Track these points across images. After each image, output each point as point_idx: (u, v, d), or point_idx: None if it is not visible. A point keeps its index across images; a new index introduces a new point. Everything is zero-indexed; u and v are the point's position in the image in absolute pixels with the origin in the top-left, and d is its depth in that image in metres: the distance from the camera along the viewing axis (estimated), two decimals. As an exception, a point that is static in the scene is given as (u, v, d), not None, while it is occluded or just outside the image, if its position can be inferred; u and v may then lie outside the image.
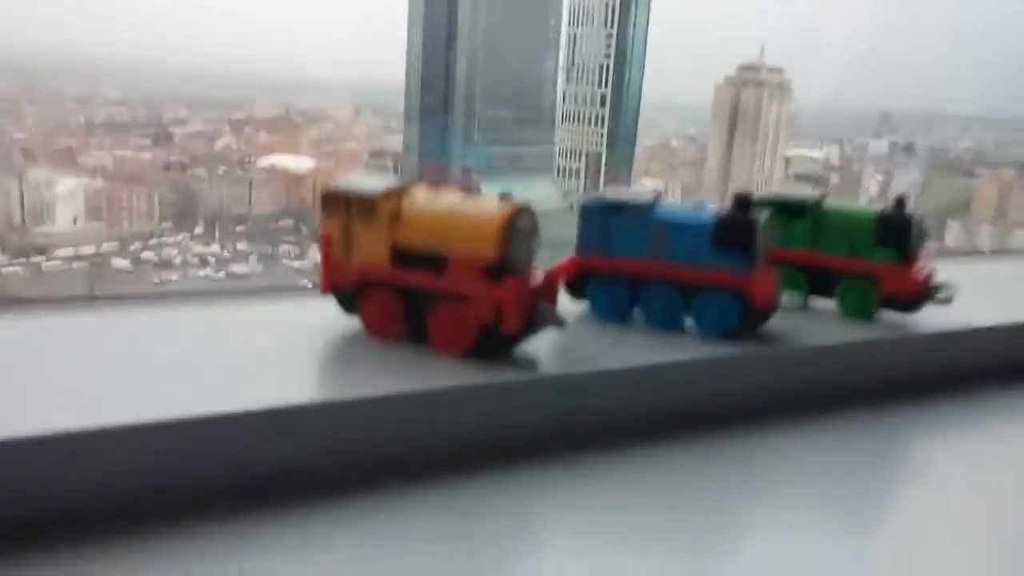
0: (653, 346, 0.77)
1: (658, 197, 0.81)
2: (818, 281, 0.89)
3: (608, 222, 0.80)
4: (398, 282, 0.69)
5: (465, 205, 0.68)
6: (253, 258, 14.16)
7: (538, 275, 0.70)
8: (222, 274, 12.62)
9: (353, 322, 0.73)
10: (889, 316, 0.88)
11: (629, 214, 0.79)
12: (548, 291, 0.70)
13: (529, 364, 0.70)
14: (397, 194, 0.69)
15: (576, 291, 0.83)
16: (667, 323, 0.80)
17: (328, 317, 0.74)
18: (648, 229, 0.79)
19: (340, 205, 0.70)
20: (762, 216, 0.78)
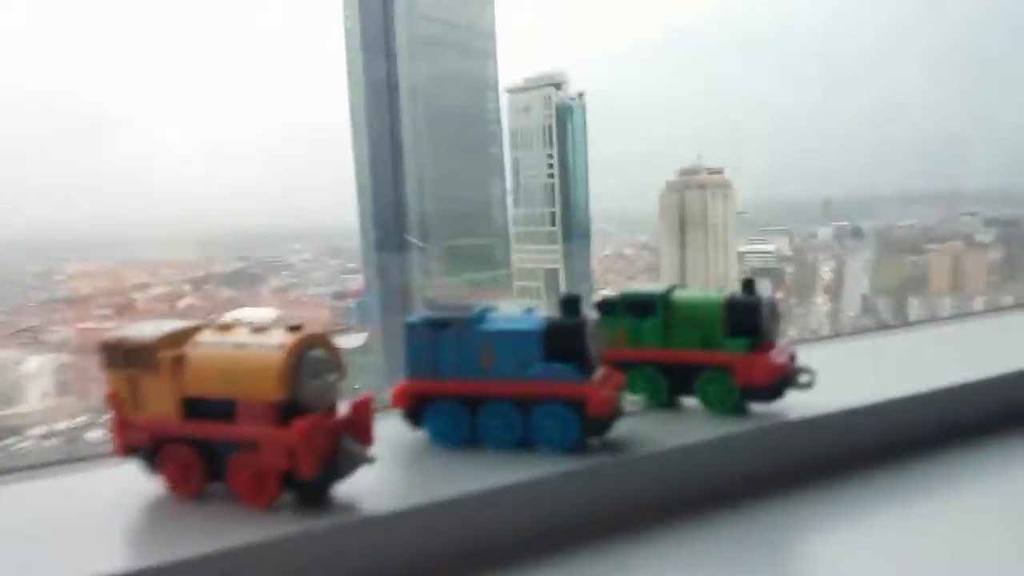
0: (491, 468, 0.71)
1: (485, 309, 0.77)
2: (677, 378, 0.85)
3: (436, 340, 0.76)
4: (192, 435, 0.64)
5: (251, 344, 0.63)
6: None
7: (344, 409, 0.65)
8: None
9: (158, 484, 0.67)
10: (756, 407, 0.84)
11: (456, 330, 0.75)
12: (357, 425, 0.65)
13: (346, 508, 0.64)
14: (179, 339, 0.65)
15: (413, 418, 0.78)
16: (509, 443, 0.75)
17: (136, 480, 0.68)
18: (477, 345, 0.75)
19: (120, 356, 0.65)
20: (591, 317, 0.74)
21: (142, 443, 0.66)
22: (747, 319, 0.82)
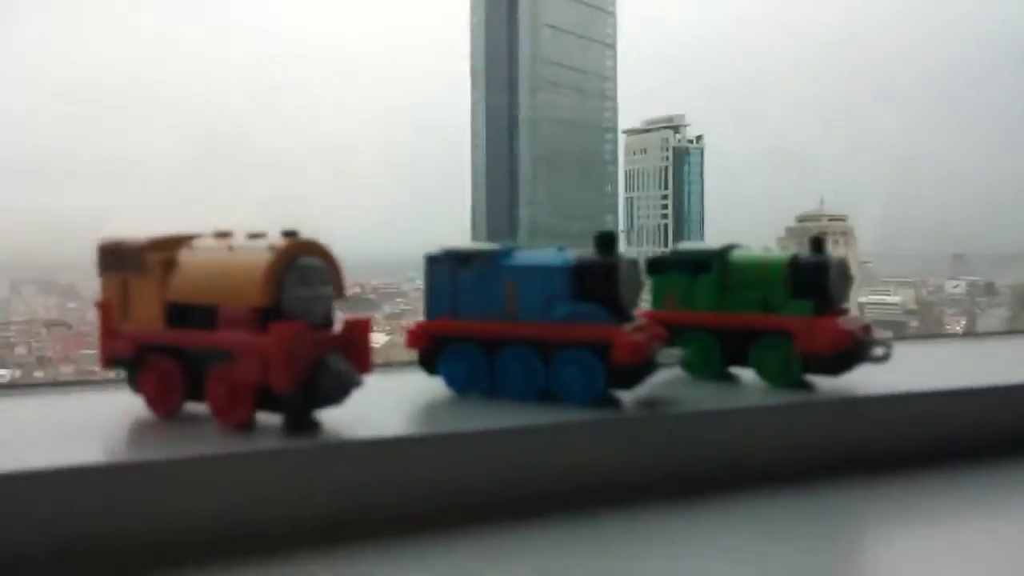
0: (498, 412, 0.64)
1: (512, 246, 0.70)
2: (731, 345, 0.75)
3: (456, 278, 0.70)
4: (174, 344, 0.60)
5: (241, 248, 0.59)
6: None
7: (338, 324, 0.59)
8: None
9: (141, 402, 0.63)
10: (819, 380, 0.73)
11: (477, 265, 0.69)
12: (352, 346, 0.59)
13: (328, 433, 0.58)
14: (171, 244, 0.61)
15: (428, 364, 0.71)
16: (526, 392, 0.67)
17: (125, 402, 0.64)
18: (499, 282, 0.68)
19: (114, 260, 0.62)
20: (627, 258, 0.66)
21: (126, 354, 0.62)
22: (813, 280, 0.72)
